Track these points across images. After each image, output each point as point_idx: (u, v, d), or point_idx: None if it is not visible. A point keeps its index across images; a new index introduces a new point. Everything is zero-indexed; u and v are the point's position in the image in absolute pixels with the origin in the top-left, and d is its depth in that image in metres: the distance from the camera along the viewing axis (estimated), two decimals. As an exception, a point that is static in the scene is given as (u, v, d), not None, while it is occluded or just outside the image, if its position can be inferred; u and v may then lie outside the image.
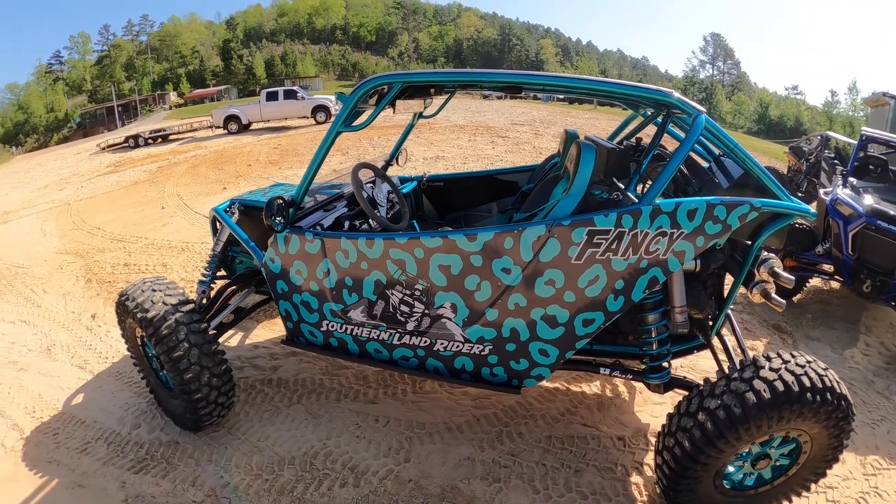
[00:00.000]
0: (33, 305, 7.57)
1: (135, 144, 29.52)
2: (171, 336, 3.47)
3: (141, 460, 3.98)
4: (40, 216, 14.29)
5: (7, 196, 21.63)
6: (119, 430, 4.38)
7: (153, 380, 4.24)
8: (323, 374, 4.57)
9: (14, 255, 10.77)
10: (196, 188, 13.39)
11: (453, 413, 4.06)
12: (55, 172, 26.16)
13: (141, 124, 61.33)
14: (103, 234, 10.40)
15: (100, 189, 16.45)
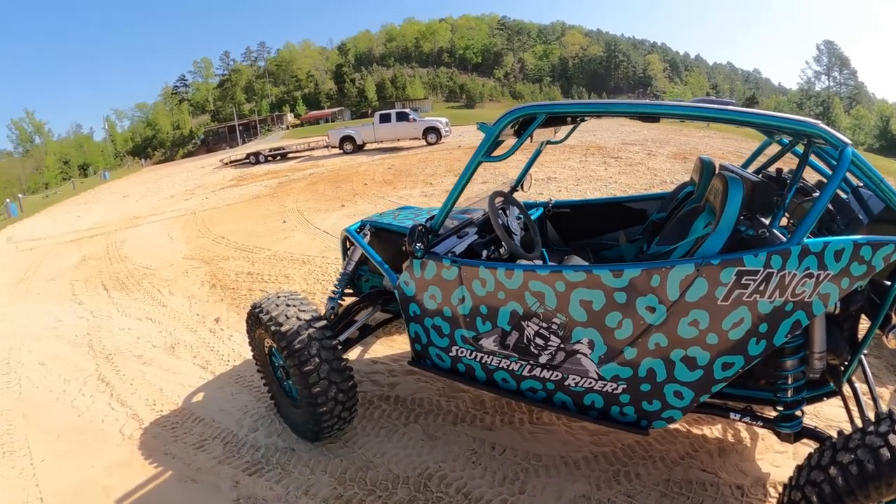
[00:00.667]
0: (159, 305, 8.15)
1: (255, 161, 31.61)
2: (304, 350, 3.59)
3: (256, 463, 4.12)
4: (168, 223, 15.43)
5: (137, 203, 23.51)
6: (236, 431, 4.58)
7: (276, 388, 4.43)
8: (440, 396, 4.58)
9: (143, 257, 11.64)
10: (315, 204, 13.92)
11: (570, 447, 3.93)
12: (181, 184, 28.25)
13: (260, 142, 65.19)
14: (227, 243, 11.09)
15: (223, 201, 17.59)
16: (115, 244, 14.08)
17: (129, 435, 4.99)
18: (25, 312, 10.02)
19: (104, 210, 24.28)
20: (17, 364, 7.49)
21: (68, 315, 8.96)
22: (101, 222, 19.63)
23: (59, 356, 7.29)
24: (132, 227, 16.30)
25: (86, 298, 9.57)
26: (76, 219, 23.65)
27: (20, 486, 4.89)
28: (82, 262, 12.93)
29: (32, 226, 26.70)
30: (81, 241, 16.33)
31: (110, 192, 34.97)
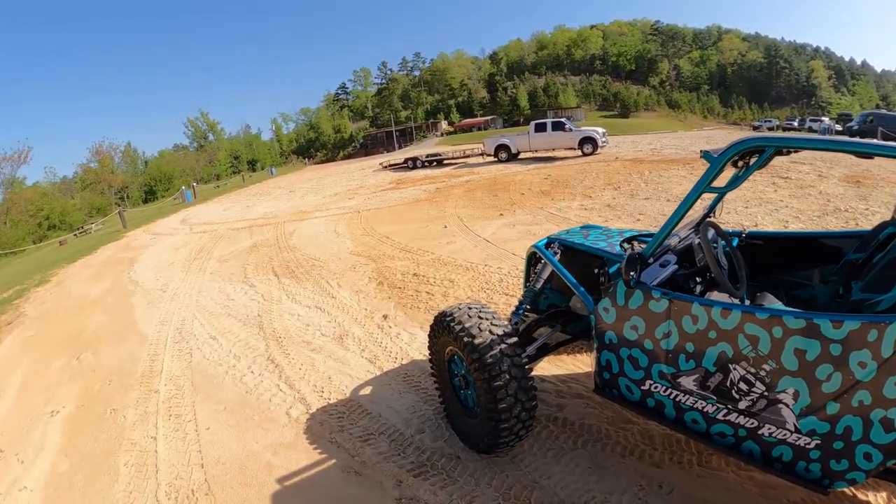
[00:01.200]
0: (328, 296, 8.42)
1: (413, 166, 32.68)
2: (495, 365, 3.55)
3: (421, 465, 4.04)
4: (333, 219, 16.15)
5: (303, 199, 24.97)
6: (403, 430, 4.54)
7: (450, 395, 4.36)
8: (609, 424, 4.29)
9: (311, 249, 12.18)
10: (474, 211, 13.99)
11: (736, 496, 3.57)
12: (343, 184, 29.71)
13: (416, 148, 67.77)
14: (391, 244, 11.34)
15: (385, 203, 18.19)
16: (284, 235, 15.00)
17: (296, 418, 5.11)
18: (199, 288, 10.83)
19: (272, 203, 26.09)
20: (190, 335, 8.06)
21: (240, 295, 9.56)
22: (270, 214, 21.10)
23: (231, 332, 7.74)
24: (299, 221, 17.28)
25: (257, 282, 10.18)
26: (246, 208, 25.59)
27: (182, 449, 5.14)
28: (253, 248, 13.83)
29: (205, 211, 29.33)
30: (252, 228, 17.58)
31: (277, 187, 37.55)
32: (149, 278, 13.14)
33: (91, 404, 6.75)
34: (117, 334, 9.13)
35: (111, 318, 10.27)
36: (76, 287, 14.66)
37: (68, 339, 9.75)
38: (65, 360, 8.63)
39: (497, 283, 7.71)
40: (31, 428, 6.68)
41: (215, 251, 14.73)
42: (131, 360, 7.68)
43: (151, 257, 16.40)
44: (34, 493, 5.40)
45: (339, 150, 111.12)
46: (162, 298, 10.68)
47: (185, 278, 12.04)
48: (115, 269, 15.88)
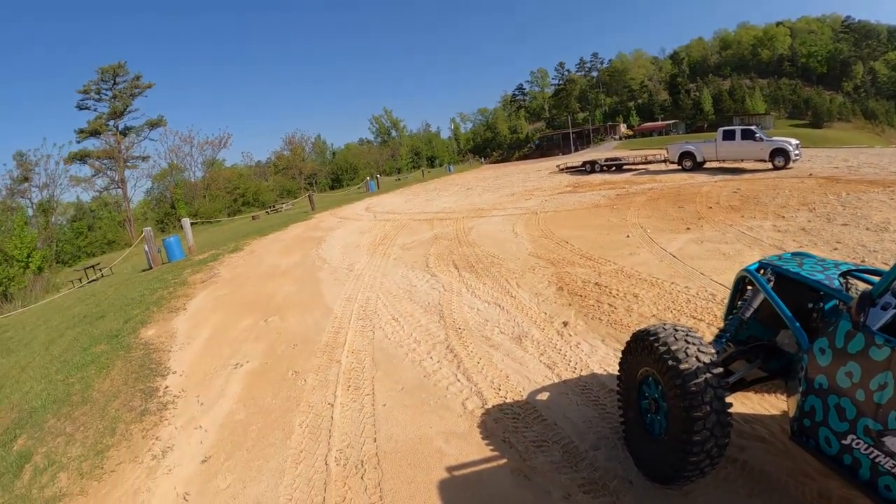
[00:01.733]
0: (507, 295, 8.39)
1: (591, 169, 31.67)
2: (698, 395, 3.31)
3: (592, 482, 3.87)
4: (510, 219, 16.21)
5: (480, 196, 25.37)
6: (578, 443, 4.35)
7: (634, 417, 4.08)
8: (788, 476, 3.84)
9: (489, 246, 12.26)
10: (658, 223, 13.30)
11: None
12: (520, 184, 29.82)
13: (593, 151, 65.99)
14: (571, 249, 11.09)
15: (563, 206, 17.93)
16: (464, 230, 15.30)
17: (471, 410, 5.10)
18: (383, 271, 11.31)
19: (450, 198, 26.80)
20: (373, 313, 8.41)
21: (422, 283, 9.86)
22: (448, 208, 21.66)
23: (412, 317, 7.97)
24: (478, 218, 17.58)
25: (438, 272, 10.46)
26: (426, 202, 26.51)
27: (358, 420, 5.33)
28: (434, 240, 14.24)
29: (387, 201, 30.79)
30: (432, 221, 18.15)
31: (454, 184, 38.54)
32: (335, 257, 13.99)
33: (274, 363, 7.27)
34: (304, 304, 9.80)
35: (299, 289, 11.05)
36: (267, 257, 15.98)
37: (257, 302, 10.61)
38: (252, 320, 9.39)
39: (684, 303, 7.18)
40: (214, 375, 7.34)
41: (398, 239, 15.37)
42: (316, 330, 8.20)
43: (338, 239, 17.50)
44: (208, 433, 5.88)
45: (514, 150, 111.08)
46: (348, 277, 11.33)
47: (370, 261, 12.65)
48: (303, 245, 17.13)
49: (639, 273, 8.78)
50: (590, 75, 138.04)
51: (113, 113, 55.89)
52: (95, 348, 9.52)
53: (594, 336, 6.45)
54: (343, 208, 30.77)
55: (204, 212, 53.72)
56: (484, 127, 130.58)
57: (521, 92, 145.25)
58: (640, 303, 7.39)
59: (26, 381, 8.96)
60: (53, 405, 7.50)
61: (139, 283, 15.39)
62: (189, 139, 64.80)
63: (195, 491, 4.86)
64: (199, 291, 12.68)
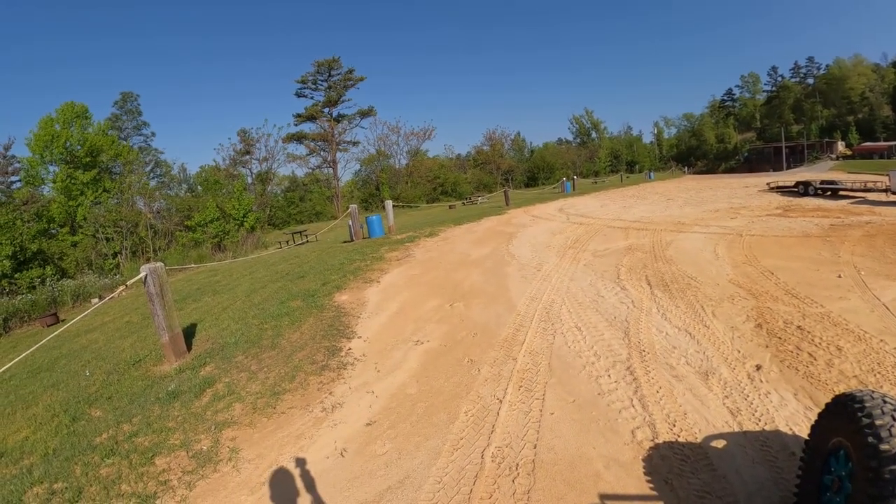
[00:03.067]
0: (700, 323, 7.77)
1: (804, 192, 28.28)
2: (891, 486, 2.75)
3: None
4: (712, 238, 15.07)
5: (681, 209, 23.96)
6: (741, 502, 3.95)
7: (809, 491, 3.56)
8: None
9: (687, 266, 11.52)
10: (874, 264, 11.48)
11: None
12: (724, 200, 27.67)
13: (807, 170, 59.12)
14: (776, 282, 9.98)
15: (770, 230, 16.23)
16: (661, 244, 14.54)
17: (640, 441, 4.82)
18: (571, 276, 11.09)
19: (648, 207, 25.66)
20: (556, 318, 8.27)
21: (610, 294, 9.50)
22: (646, 218, 20.72)
23: (595, 329, 7.70)
24: (677, 232, 16.57)
25: (629, 286, 10.02)
26: (622, 209, 25.63)
27: (523, 422, 5.27)
28: (628, 251, 13.70)
29: (582, 204, 30.25)
30: (628, 230, 17.47)
31: (654, 192, 36.83)
32: (525, 254, 14.00)
33: (452, 347, 7.42)
34: (489, 295, 9.92)
35: (486, 280, 11.20)
36: (459, 246, 16.41)
37: (445, 286, 10.92)
38: (438, 303, 9.68)
39: (890, 367, 6.11)
40: (395, 348, 7.67)
41: (590, 245, 15.00)
42: (497, 323, 8.25)
43: (529, 237, 17.51)
44: (378, 399, 6.15)
45: (720, 161, 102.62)
46: (535, 276, 11.27)
47: (559, 263, 12.48)
48: (495, 239, 17.36)
49: (846, 322, 7.63)
50: (805, 82, 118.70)
51: (328, 101, 62.19)
52: (292, 303, 10.42)
53: (787, 387, 5.73)
54: (536, 207, 30.76)
55: (405, 196, 57.43)
56: (689, 133, 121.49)
57: (731, 98, 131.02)
58: (843, 358, 6.44)
59: (225, 320, 10.09)
60: (244, 344, 8.35)
61: (340, 253, 16.61)
62: (396, 129, 70.06)
63: (353, 450, 5.18)
64: (394, 268, 13.35)
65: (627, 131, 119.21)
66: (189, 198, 48.62)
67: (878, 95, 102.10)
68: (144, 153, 58.44)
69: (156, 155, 64.52)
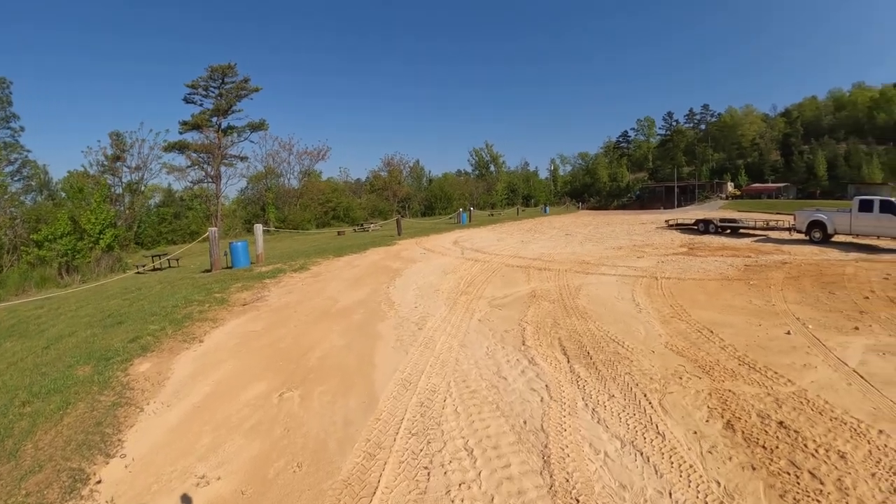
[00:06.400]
0: (650, 429, 5.37)
1: (704, 229, 28.45)
2: None
3: None
4: (626, 282, 13.16)
5: (581, 246, 22.30)
6: None
7: None
8: None
9: (607, 321, 9.33)
10: (813, 313, 10.20)
11: None
12: (624, 237, 26.69)
13: (698, 209, 61.88)
14: (722, 345, 8.00)
15: (686, 272, 14.73)
16: (569, 289, 12.41)
17: None
18: (462, 339, 8.52)
19: (548, 243, 23.88)
20: (435, 425, 5.56)
21: (515, 375, 6.90)
22: (547, 256, 18.72)
23: (497, 451, 5.03)
24: (584, 273, 14.57)
25: (540, 358, 7.51)
26: (521, 243, 23.66)
27: None
28: (532, 299, 11.38)
29: (478, 237, 28.14)
30: (529, 270, 15.23)
31: (551, 227, 35.55)
32: (408, 302, 11.40)
33: (253, 499, 4.53)
34: (344, 377, 7.10)
35: (347, 346, 8.44)
36: (331, 286, 13.63)
37: (287, 355, 8.09)
38: (267, 388, 6.80)
39: None
40: (164, 490, 4.72)
41: (487, 289, 12.57)
42: (341, 439, 5.41)
43: (417, 275, 14.93)
44: None
45: (613, 198, 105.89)
46: (414, 340, 8.57)
47: (448, 317, 9.91)
48: (376, 277, 14.67)
49: (830, 406, 5.78)
50: (698, 128, 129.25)
51: (217, 110, 56.56)
52: (79, 370, 7.44)
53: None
54: (430, 238, 28.31)
55: (293, 219, 53.53)
56: (583, 171, 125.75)
57: (626, 140, 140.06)
58: (852, 472, 4.50)
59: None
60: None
61: (185, 288, 13.46)
62: (288, 146, 65.29)
63: None
64: (233, 318, 10.39)
65: (525, 166, 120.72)
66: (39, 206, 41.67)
67: (768, 142, 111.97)
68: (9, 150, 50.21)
69: (23, 153, 55.80)
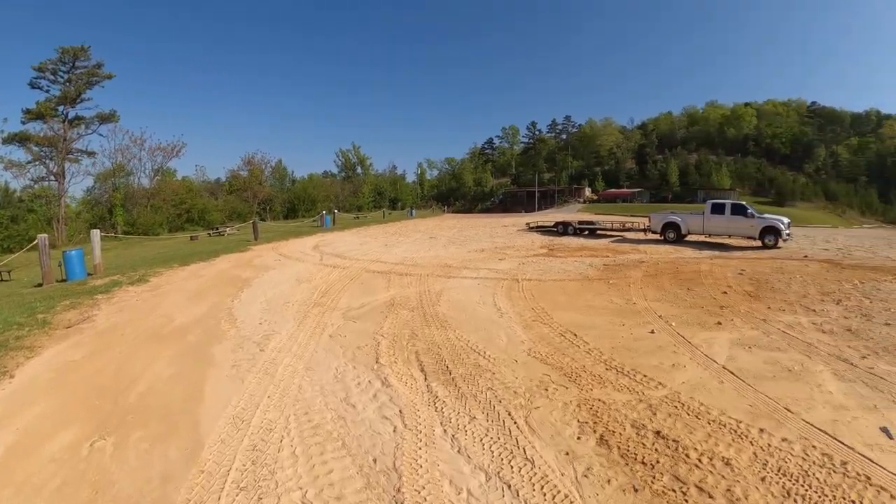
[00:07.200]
0: (517, 453, 4.70)
1: (564, 231, 29.32)
2: None
3: None
4: (487, 285, 12.80)
5: (445, 249, 21.77)
6: None
7: None
8: None
9: (468, 330, 8.68)
10: (675, 310, 10.34)
11: None
12: (487, 239, 26.68)
13: (557, 212, 64.49)
14: (587, 349, 7.63)
15: (547, 273, 14.65)
16: (430, 296, 11.73)
17: None
18: (308, 360, 7.43)
19: (411, 246, 23.13)
20: (269, 474, 4.51)
21: (365, 400, 5.94)
22: (410, 260, 17.97)
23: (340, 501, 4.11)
24: (446, 278, 14.03)
25: (394, 378, 6.64)
26: (384, 247, 22.74)
27: None
28: (390, 307, 10.51)
29: (341, 241, 26.78)
30: (390, 276, 14.33)
31: (416, 230, 34.98)
32: (252, 317, 10.10)
33: None
34: (168, 418, 5.80)
35: (176, 376, 7.11)
36: (170, 299, 12.00)
37: (106, 391, 6.70)
38: (74, 438, 5.43)
39: (800, 477, 4.17)
40: None
41: (342, 298, 11.51)
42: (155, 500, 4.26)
43: (267, 285, 13.55)
44: None
45: (477, 202, 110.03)
46: (253, 365, 7.33)
47: (295, 334, 8.74)
48: (222, 289, 13.11)
49: (706, 409, 5.53)
50: (560, 137, 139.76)
51: (64, 98, 49.52)
52: None
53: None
54: (289, 242, 26.53)
55: (143, 223, 48.11)
56: (450, 176, 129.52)
57: (491, 146, 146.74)
58: (741, 480, 4.20)
59: None
60: None
61: (7, 308, 11.27)
62: (140, 141, 57.80)
63: None
64: (53, 345, 8.61)
65: (392, 169, 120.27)
66: None
67: (624, 151, 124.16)
68: None
69: None
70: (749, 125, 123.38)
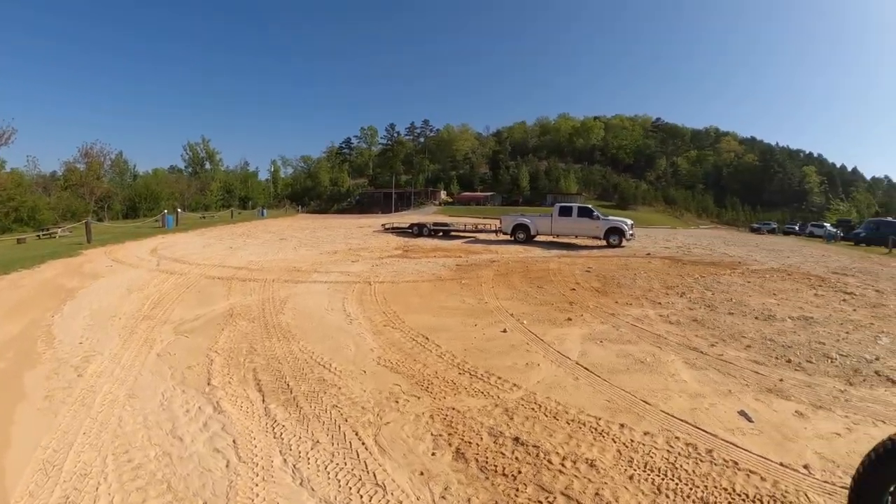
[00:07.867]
0: (367, 479, 4.17)
1: (418, 232, 29.86)
2: None
3: None
4: (338, 289, 12.22)
5: (296, 251, 20.85)
6: None
7: None
8: None
9: (313, 340, 8.04)
10: (526, 308, 10.50)
11: None
12: (341, 240, 26.08)
13: (414, 214, 66.06)
14: (440, 353, 7.32)
15: (400, 275, 14.40)
16: (274, 303, 10.85)
17: None
18: (132, 386, 6.41)
19: (259, 249, 21.86)
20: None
21: (195, 431, 5.10)
22: (256, 264, 16.82)
23: None
24: (293, 283, 13.17)
25: (227, 401, 5.82)
26: (229, 250, 21.33)
27: None
28: (228, 319, 9.55)
29: (182, 243, 24.76)
30: (231, 282, 13.24)
31: (266, 231, 33.46)
32: (72, 336, 8.69)
33: None
34: None
35: None
36: (-31, 324, 10.12)
37: None
38: None
39: (668, 471, 4.20)
40: None
41: (176, 310, 10.35)
42: None
43: (95, 295, 11.96)
44: None
45: (333, 202, 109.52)
46: (69, 395, 6.15)
47: (119, 356, 7.56)
48: (41, 302, 11.34)
49: (563, 408, 5.44)
50: (418, 140, 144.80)
51: None
52: None
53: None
54: (124, 246, 24.00)
55: None
56: (305, 175, 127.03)
57: (349, 146, 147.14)
58: (608, 482, 4.08)
59: None
60: None
61: None
62: None
63: None
64: None
65: (244, 166, 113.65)
66: None
67: (479, 157, 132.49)
68: None
69: None
70: (597, 136, 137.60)
